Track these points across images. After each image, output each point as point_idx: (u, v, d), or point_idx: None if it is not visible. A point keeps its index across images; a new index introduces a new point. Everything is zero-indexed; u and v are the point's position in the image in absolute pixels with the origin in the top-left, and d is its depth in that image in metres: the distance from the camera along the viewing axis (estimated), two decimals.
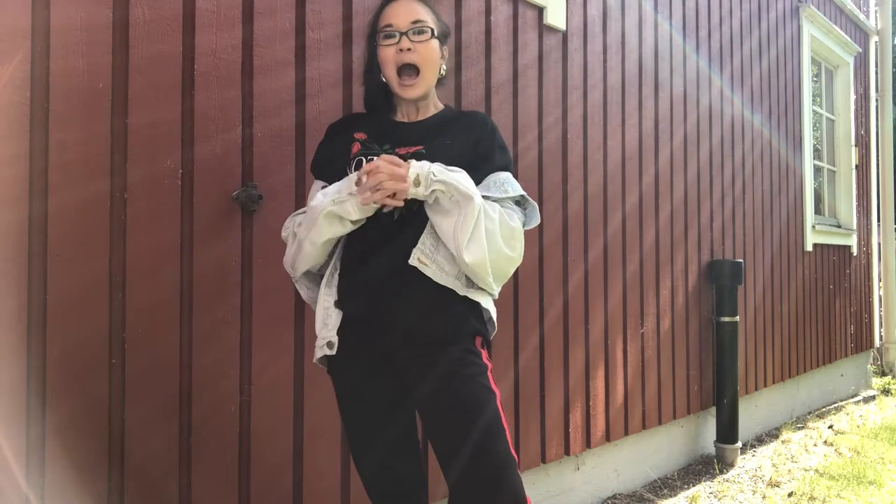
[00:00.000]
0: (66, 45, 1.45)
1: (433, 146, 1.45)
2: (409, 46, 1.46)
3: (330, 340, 1.46)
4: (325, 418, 1.90)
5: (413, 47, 1.46)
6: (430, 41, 1.49)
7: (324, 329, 1.48)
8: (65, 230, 1.44)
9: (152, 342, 1.58)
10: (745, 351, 3.95)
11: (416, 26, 1.47)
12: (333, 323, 1.46)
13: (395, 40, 1.47)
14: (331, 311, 1.48)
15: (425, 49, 1.48)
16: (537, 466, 2.62)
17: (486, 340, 1.49)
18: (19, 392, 1.38)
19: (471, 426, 1.34)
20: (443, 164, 1.38)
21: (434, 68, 1.51)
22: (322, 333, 1.48)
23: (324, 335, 1.47)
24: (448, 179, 1.34)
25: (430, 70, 1.51)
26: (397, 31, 1.47)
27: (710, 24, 3.83)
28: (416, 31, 1.47)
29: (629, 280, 3.13)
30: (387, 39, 1.48)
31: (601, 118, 3.00)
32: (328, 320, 1.47)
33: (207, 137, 1.68)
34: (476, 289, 1.46)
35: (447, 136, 1.48)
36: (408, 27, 1.47)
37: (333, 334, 1.46)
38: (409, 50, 1.46)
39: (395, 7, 1.49)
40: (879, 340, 6.29)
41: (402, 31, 1.47)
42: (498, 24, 2.51)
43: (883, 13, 6.34)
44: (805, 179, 4.86)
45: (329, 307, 1.48)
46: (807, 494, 3.07)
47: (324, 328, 1.48)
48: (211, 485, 1.68)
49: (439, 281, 1.40)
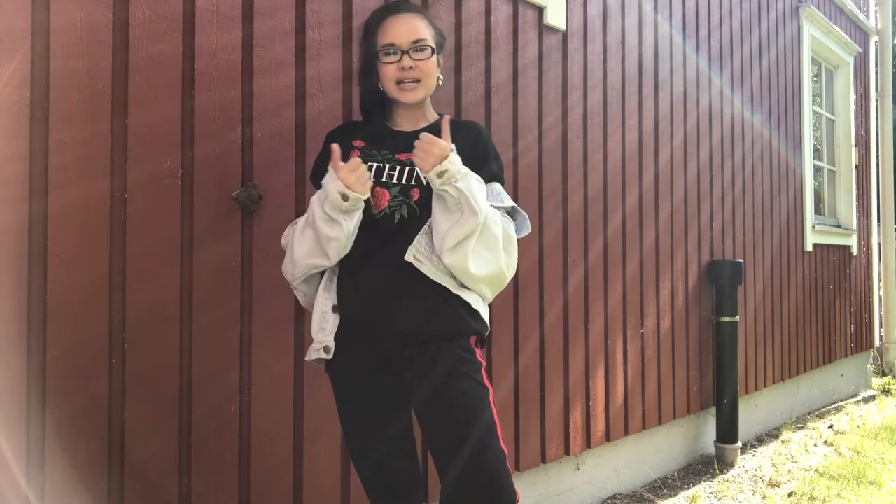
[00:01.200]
0: (66, 45, 1.45)
1: None
2: (410, 65, 1.50)
3: (326, 345, 1.48)
4: (325, 418, 1.90)
5: (414, 65, 1.51)
6: (430, 58, 1.53)
7: (320, 333, 1.49)
8: (65, 230, 1.44)
9: (152, 342, 1.58)
10: (745, 351, 3.95)
11: (417, 45, 1.51)
12: (331, 328, 1.48)
13: (397, 58, 1.51)
14: (328, 316, 1.49)
15: (426, 66, 1.53)
16: (537, 466, 2.62)
17: (481, 339, 1.51)
18: (19, 392, 1.38)
19: (467, 425, 1.37)
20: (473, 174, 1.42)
21: (433, 78, 1.56)
22: (318, 337, 1.49)
23: (320, 339, 1.49)
24: (464, 190, 1.38)
25: (430, 79, 1.55)
26: (399, 50, 1.50)
27: (710, 24, 3.83)
28: (416, 49, 1.51)
29: (629, 280, 3.13)
30: (388, 56, 1.51)
31: (601, 118, 3.00)
32: (325, 324, 1.49)
33: (207, 137, 1.68)
34: (468, 289, 1.48)
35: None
36: (409, 46, 1.50)
37: (331, 339, 1.47)
38: (412, 69, 1.51)
39: (396, 24, 1.52)
40: (879, 340, 6.29)
41: (403, 50, 1.50)
42: (498, 24, 2.51)
43: (883, 13, 6.34)
44: (805, 179, 4.86)
45: (326, 311, 1.49)
46: (807, 494, 3.07)
47: (320, 332, 1.49)
48: (211, 485, 1.68)
49: (434, 278, 1.42)
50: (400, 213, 1.45)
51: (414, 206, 1.45)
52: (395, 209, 1.45)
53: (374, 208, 1.45)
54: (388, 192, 1.46)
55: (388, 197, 1.46)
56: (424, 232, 1.43)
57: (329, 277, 1.51)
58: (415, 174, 1.47)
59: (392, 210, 1.45)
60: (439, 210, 1.42)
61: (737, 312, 3.64)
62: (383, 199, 1.46)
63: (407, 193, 1.46)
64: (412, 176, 1.47)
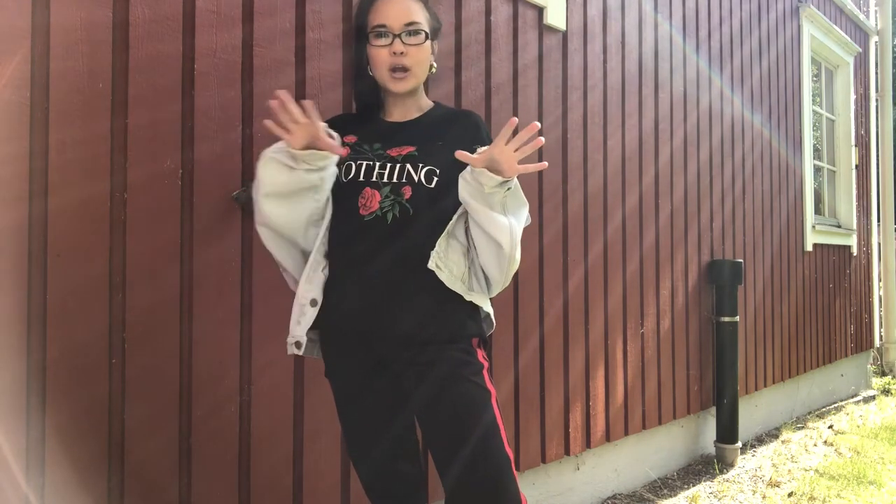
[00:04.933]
0: (66, 45, 1.45)
1: (425, 148, 1.44)
2: (402, 50, 1.44)
3: (298, 341, 1.45)
4: (325, 418, 1.90)
5: (406, 51, 1.44)
6: (423, 44, 1.46)
7: (296, 327, 1.45)
8: (65, 230, 1.44)
9: (152, 342, 1.58)
10: (745, 351, 3.95)
11: (410, 28, 1.44)
12: (307, 322, 1.44)
13: (388, 41, 1.44)
14: (306, 309, 1.45)
15: (418, 52, 1.46)
16: (537, 466, 2.62)
17: (483, 340, 1.48)
18: (19, 392, 1.38)
19: (468, 428, 1.34)
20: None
21: (425, 66, 1.50)
22: (294, 331, 1.46)
23: (295, 333, 1.45)
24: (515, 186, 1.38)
25: (422, 68, 1.49)
26: (391, 33, 1.44)
27: (711, 24, 3.83)
28: (409, 33, 1.44)
29: (629, 280, 3.13)
30: (379, 39, 1.45)
31: (601, 118, 3.00)
32: (302, 318, 1.45)
33: (207, 137, 1.68)
34: (477, 292, 1.46)
35: (438, 136, 1.47)
36: (401, 29, 1.44)
37: (303, 335, 1.44)
38: (403, 54, 1.44)
39: (388, 4, 1.45)
40: (879, 340, 6.29)
41: (395, 34, 1.44)
42: (498, 24, 2.51)
43: (883, 13, 6.34)
44: (805, 179, 4.86)
45: (305, 304, 1.45)
46: (807, 494, 3.07)
47: (296, 326, 1.45)
48: (211, 485, 1.68)
49: (449, 285, 1.39)
50: (392, 212, 1.40)
51: (406, 205, 1.40)
52: (388, 210, 1.40)
53: (364, 209, 1.41)
54: (379, 193, 1.41)
55: (380, 198, 1.41)
56: (446, 236, 1.40)
57: (312, 268, 1.46)
58: (406, 171, 1.42)
59: (384, 211, 1.40)
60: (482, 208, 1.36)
61: (737, 312, 3.64)
62: (374, 201, 1.41)
63: (398, 192, 1.41)
64: (403, 173, 1.42)
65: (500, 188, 1.33)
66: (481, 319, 1.49)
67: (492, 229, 1.36)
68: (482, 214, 1.36)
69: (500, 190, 1.34)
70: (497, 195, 1.34)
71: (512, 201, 1.40)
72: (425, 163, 1.42)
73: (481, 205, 1.36)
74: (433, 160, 1.42)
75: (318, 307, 1.45)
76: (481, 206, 1.36)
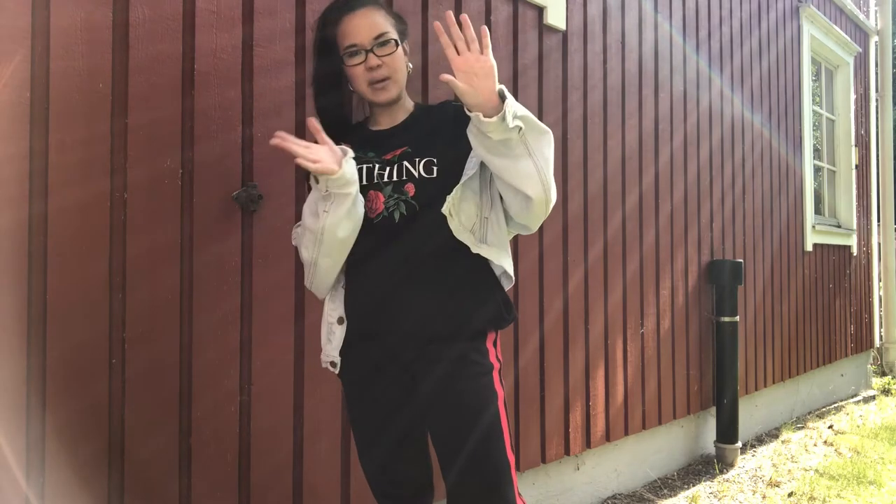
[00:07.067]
0: (66, 45, 1.45)
1: (416, 146, 1.45)
2: (377, 63, 1.44)
3: (333, 360, 1.48)
4: (325, 418, 1.90)
5: (381, 62, 1.44)
6: (395, 52, 1.46)
7: (328, 345, 1.49)
8: (65, 230, 1.44)
9: (152, 342, 1.58)
10: (745, 351, 3.95)
11: (379, 40, 1.44)
12: (337, 341, 1.47)
13: (363, 58, 1.44)
14: (335, 328, 1.48)
15: (392, 61, 1.46)
16: (537, 466, 2.62)
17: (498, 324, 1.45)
18: (19, 392, 1.38)
19: (469, 429, 1.34)
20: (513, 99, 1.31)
21: (403, 71, 1.50)
22: (326, 350, 1.49)
23: (328, 352, 1.49)
24: (524, 114, 1.30)
25: (400, 74, 1.49)
26: (362, 49, 1.44)
27: (711, 25, 3.83)
28: (380, 45, 1.44)
29: (629, 280, 3.12)
30: (353, 58, 1.45)
31: (601, 118, 3.00)
32: (332, 336, 1.48)
33: (207, 137, 1.68)
34: (488, 245, 1.43)
35: (425, 132, 1.48)
36: (371, 43, 1.43)
37: (336, 354, 1.47)
38: (378, 66, 1.44)
39: (353, 23, 1.44)
40: (879, 340, 6.29)
41: (367, 49, 1.43)
42: (498, 24, 2.51)
43: (883, 13, 6.34)
44: (805, 179, 4.86)
45: (332, 323, 1.48)
46: (807, 494, 3.07)
47: (328, 344, 1.49)
48: (211, 485, 1.68)
49: (457, 235, 1.38)
50: (399, 211, 1.41)
51: (412, 202, 1.41)
52: (393, 209, 1.42)
53: (371, 212, 1.42)
54: (382, 194, 1.43)
55: (384, 199, 1.42)
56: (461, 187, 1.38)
57: (335, 287, 1.50)
58: (404, 167, 1.43)
59: (390, 211, 1.42)
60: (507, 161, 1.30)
61: (737, 312, 3.64)
62: (378, 202, 1.42)
63: (401, 190, 1.42)
64: (402, 170, 1.43)
65: (505, 128, 1.26)
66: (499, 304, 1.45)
67: (518, 182, 1.32)
68: (506, 171, 1.32)
69: (509, 131, 1.27)
70: (511, 138, 1.28)
71: (532, 136, 1.32)
72: (422, 155, 1.43)
73: (501, 158, 1.31)
74: (429, 151, 1.43)
75: (345, 325, 1.47)
76: (501, 159, 1.31)
